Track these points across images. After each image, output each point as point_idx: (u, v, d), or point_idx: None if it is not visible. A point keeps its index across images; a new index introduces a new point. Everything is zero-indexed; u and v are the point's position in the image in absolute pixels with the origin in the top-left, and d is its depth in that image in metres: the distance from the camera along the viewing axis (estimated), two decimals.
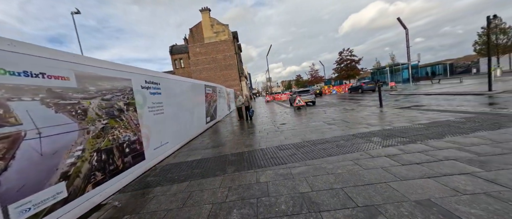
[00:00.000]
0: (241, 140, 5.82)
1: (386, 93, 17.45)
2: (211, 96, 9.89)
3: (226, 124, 9.76)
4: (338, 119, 7.07)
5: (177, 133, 5.57)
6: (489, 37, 12.36)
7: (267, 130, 6.76)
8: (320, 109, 11.01)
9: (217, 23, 32.16)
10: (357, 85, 22.28)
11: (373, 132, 4.76)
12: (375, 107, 9.06)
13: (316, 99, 15.70)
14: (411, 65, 21.57)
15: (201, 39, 32.27)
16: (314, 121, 7.39)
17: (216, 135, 7.14)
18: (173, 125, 5.43)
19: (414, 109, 7.29)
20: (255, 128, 7.60)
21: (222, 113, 12.99)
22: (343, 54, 35.71)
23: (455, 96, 9.98)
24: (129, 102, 3.74)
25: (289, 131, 6.11)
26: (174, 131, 5.45)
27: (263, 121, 9.06)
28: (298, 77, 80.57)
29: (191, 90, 7.37)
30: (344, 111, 8.81)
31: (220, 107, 12.46)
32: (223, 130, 8.21)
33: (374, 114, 7.19)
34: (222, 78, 32.43)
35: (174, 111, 5.55)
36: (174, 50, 38.45)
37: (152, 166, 4.20)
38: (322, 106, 12.97)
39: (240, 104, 10.40)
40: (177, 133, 5.60)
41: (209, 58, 32.37)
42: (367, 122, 5.98)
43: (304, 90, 16.02)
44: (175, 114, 5.60)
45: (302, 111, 11.05)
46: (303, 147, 4.31)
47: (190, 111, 7.00)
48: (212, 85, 10.25)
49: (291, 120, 8.36)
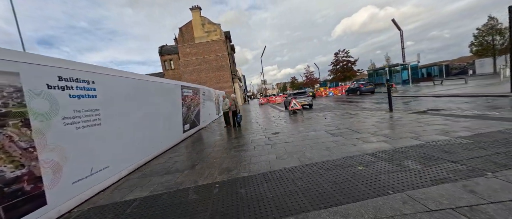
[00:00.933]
0: (219, 158, 4.33)
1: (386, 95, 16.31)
2: (191, 99, 8.37)
3: (210, 133, 8.24)
4: (344, 128, 5.68)
5: (127, 152, 4.03)
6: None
7: (255, 142, 5.30)
8: (318, 113, 9.65)
9: (209, 22, 30.71)
10: (355, 86, 21.17)
11: (400, 150, 3.36)
12: (383, 111, 7.74)
13: (312, 101, 14.37)
14: (410, 65, 20.70)
15: (192, 39, 30.70)
16: (314, 129, 5.98)
17: (192, 149, 5.62)
18: (120, 141, 3.89)
19: (434, 114, 6.00)
20: (241, 138, 6.12)
21: (208, 118, 11.46)
22: (338, 55, 34.80)
23: (473, 99, 8.79)
24: (11, 111, 2.21)
25: (282, 145, 4.66)
26: (122, 150, 3.91)
27: (252, 129, 7.60)
28: (293, 79, 79.75)
29: (159, 92, 5.84)
30: (348, 117, 7.45)
31: (206, 112, 10.94)
32: (203, 141, 6.69)
33: (387, 121, 5.85)
34: (214, 79, 30.88)
35: (123, 121, 4.02)
36: (163, 50, 36.67)
37: (66, 211, 2.66)
38: (320, 109, 11.62)
39: (226, 109, 8.92)
40: (128, 151, 4.06)
41: (200, 58, 30.79)
42: (382, 133, 4.60)
43: (299, 92, 14.69)
44: (125, 125, 4.07)
45: (298, 115, 9.66)
46: (302, 176, 2.86)
47: (156, 119, 5.47)
48: (192, 86, 8.73)
49: (286, 128, 6.92)
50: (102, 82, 3.59)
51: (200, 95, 9.71)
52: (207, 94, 11.61)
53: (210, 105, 12.41)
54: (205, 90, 11.14)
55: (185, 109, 7.66)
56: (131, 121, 4.31)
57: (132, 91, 4.49)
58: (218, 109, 15.16)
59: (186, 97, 7.76)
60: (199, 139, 7.09)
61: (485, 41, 28.39)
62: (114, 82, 3.94)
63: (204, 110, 10.63)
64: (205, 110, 10.93)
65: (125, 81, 4.28)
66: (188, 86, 8.15)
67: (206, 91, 11.22)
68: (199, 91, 9.56)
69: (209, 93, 12.43)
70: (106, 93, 3.65)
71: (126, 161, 3.98)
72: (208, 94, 12.13)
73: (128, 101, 4.31)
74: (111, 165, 3.55)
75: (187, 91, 7.85)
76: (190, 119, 8.11)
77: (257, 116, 12.32)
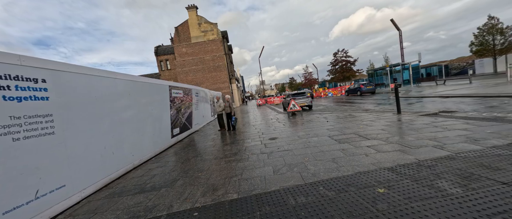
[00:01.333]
0: (205, 171, 3.67)
1: (388, 95, 15.77)
2: (182, 100, 7.69)
3: (202, 137, 7.57)
4: (349, 132, 5.04)
5: (94, 165, 3.35)
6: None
7: (250, 150, 4.64)
8: (319, 115, 9.02)
9: (205, 21, 30.05)
10: (355, 87, 20.62)
11: (427, 164, 2.73)
12: (390, 113, 7.13)
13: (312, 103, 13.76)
14: (412, 65, 20.21)
15: (188, 39, 30.01)
16: (316, 134, 5.34)
17: (177, 157, 4.94)
18: (85, 152, 3.21)
19: (449, 117, 5.39)
20: (234, 145, 5.46)
21: (202, 120, 10.78)
22: (338, 55, 34.32)
23: (486, 99, 8.22)
24: None
25: (281, 155, 4.01)
26: (87, 163, 3.23)
27: (248, 133, 6.94)
28: (292, 80, 79.32)
29: (142, 94, 5.17)
30: (352, 119, 6.83)
31: (199, 114, 10.26)
32: (192, 147, 6.02)
33: (397, 125, 5.23)
34: (211, 80, 30.20)
35: (90, 128, 3.35)
36: (159, 51, 35.90)
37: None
38: (320, 111, 10.99)
39: (220, 111, 8.26)
40: (95, 164, 3.38)
41: (196, 58, 30.09)
42: (396, 140, 3.97)
43: (299, 92, 14.07)
44: (93, 133, 3.39)
45: (298, 117, 9.02)
46: (306, 201, 2.21)
47: (137, 124, 4.79)
48: (183, 86, 8.05)
49: (285, 132, 6.28)
50: (59, 81, 2.92)
51: (192, 96, 9.04)
52: (201, 95, 10.94)
53: (204, 107, 11.74)
54: (199, 91, 10.47)
55: (174, 111, 6.98)
56: (102, 128, 3.63)
57: (105, 92, 3.82)
58: (214, 110, 14.48)
59: (175, 99, 7.08)
60: (189, 145, 6.41)
61: (486, 41, 28.05)
62: (78, 81, 3.27)
63: (198, 112, 9.95)
64: (199, 112, 10.26)
65: (95, 81, 3.61)
66: (178, 86, 7.47)
67: (199, 92, 10.54)
68: (191, 92, 8.89)
69: (203, 94, 11.76)
70: (64, 94, 2.97)
71: (92, 176, 3.30)
72: (202, 95, 11.46)
73: (99, 104, 3.64)
74: (69, 183, 2.86)
75: (176, 92, 7.17)
76: (180, 123, 7.43)
77: (254, 118, 11.66)
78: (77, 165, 3.04)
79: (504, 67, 30.24)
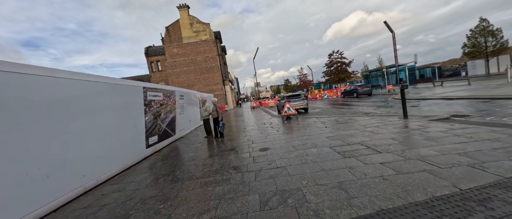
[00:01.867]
0: (170, 200, 2.77)
1: (386, 97, 15.23)
2: (161, 104, 6.74)
3: (184, 146, 6.63)
4: (354, 142, 4.25)
5: (14, 193, 2.40)
6: None
7: (235, 166, 3.76)
8: (316, 119, 8.23)
9: (197, 21, 29.10)
10: (351, 88, 20.08)
11: (475, 196, 1.92)
12: (395, 117, 6.40)
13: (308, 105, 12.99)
14: (408, 66, 19.87)
15: (179, 39, 28.95)
16: (314, 144, 4.51)
17: (143, 177, 4.00)
18: None
19: (464, 122, 4.68)
20: (217, 158, 4.56)
21: (188, 125, 9.83)
22: (332, 56, 33.95)
23: (496, 102, 7.63)
24: None
25: (272, 174, 3.15)
26: (5, 192, 2.28)
27: (237, 141, 6.06)
28: (287, 82, 79.01)
29: (105, 97, 4.23)
30: (354, 125, 6.05)
31: (185, 118, 9.31)
32: (168, 161, 5.08)
33: (409, 132, 4.46)
34: (203, 82, 29.19)
35: (12, 142, 2.40)
36: (150, 51, 34.65)
37: None
38: (317, 114, 10.23)
39: (206, 115, 7.35)
40: (16, 193, 2.43)
41: (188, 59, 29.04)
42: (416, 155, 3.18)
43: (294, 94, 13.30)
44: (13, 150, 2.44)
45: (293, 122, 8.21)
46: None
47: (94, 134, 3.84)
48: (163, 88, 7.08)
49: (278, 140, 5.43)
50: None
51: (175, 98, 8.09)
52: (187, 97, 9.99)
53: (192, 111, 10.79)
54: (184, 93, 9.52)
55: (151, 117, 6.02)
56: (34, 143, 2.69)
57: (49, 95, 2.88)
58: (201, 115, 13.52)
59: (152, 102, 6.13)
60: (167, 156, 5.47)
61: (478, 43, 28.23)
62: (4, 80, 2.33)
63: (183, 116, 9.00)
64: (185, 117, 9.31)
65: (30, 81, 2.67)
66: (156, 88, 6.52)
67: (185, 94, 9.60)
68: (174, 94, 7.94)
69: (191, 97, 10.81)
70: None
71: (8, 213, 2.34)
72: (190, 97, 10.51)
73: (35, 110, 2.70)
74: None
75: (154, 95, 6.22)
76: (159, 130, 6.48)
77: (246, 122, 10.78)
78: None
79: (496, 68, 30.61)
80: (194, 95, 11.44)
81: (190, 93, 11.06)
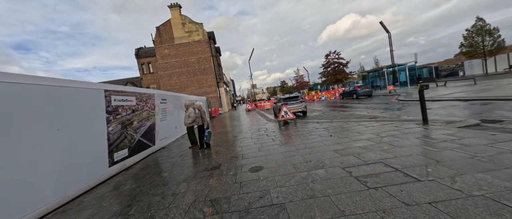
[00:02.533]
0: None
1: (388, 99, 14.38)
2: (133, 110, 5.62)
3: (162, 160, 5.52)
4: (373, 160, 3.23)
5: None
6: None
7: (214, 198, 2.70)
8: (317, 124, 7.23)
9: (190, 21, 27.99)
10: (351, 89, 19.24)
11: None
12: (411, 123, 5.43)
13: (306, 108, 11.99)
14: (408, 66, 19.18)
15: (171, 40, 27.77)
16: (321, 161, 3.48)
17: (90, 212, 2.90)
18: None
19: (501, 130, 3.74)
20: (193, 183, 3.47)
21: (174, 133, 8.71)
22: (329, 57, 33.25)
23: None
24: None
25: (264, 214, 2.10)
26: None
27: (223, 155, 4.98)
28: (283, 83, 78.36)
29: (36, 103, 3.11)
30: (365, 133, 5.05)
31: (169, 125, 8.19)
32: (134, 183, 3.97)
33: (440, 144, 3.47)
34: (196, 84, 28.02)
35: None
36: (141, 53, 33.32)
37: None
38: (317, 118, 9.24)
39: (189, 122, 6.27)
40: None
41: (180, 61, 27.85)
42: (474, 183, 2.17)
43: (291, 96, 12.29)
44: None
45: (291, 128, 7.18)
46: None
47: (28, 152, 2.72)
48: (136, 91, 5.93)
49: (274, 155, 4.38)
50: None
51: (155, 102, 6.97)
52: (172, 101, 8.87)
53: (178, 116, 9.66)
54: (168, 96, 8.40)
55: (118, 127, 4.89)
56: None
57: None
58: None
59: (119, 108, 5.01)
60: (133, 178, 4.35)
61: (475, 42, 27.94)
62: None
63: (165, 123, 7.87)
64: (169, 123, 8.18)
65: None
66: (125, 90, 5.38)
67: (169, 98, 8.48)
68: (152, 98, 6.82)
69: (179, 100, 9.69)
70: None
71: None
72: (175, 101, 9.39)
73: None
74: None
75: (121, 99, 5.10)
76: (130, 141, 5.35)
77: (238, 128, 9.71)
78: None
79: (494, 68, 30.40)
80: (178, 98, 10.30)
81: (177, 96, 9.95)
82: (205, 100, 18.64)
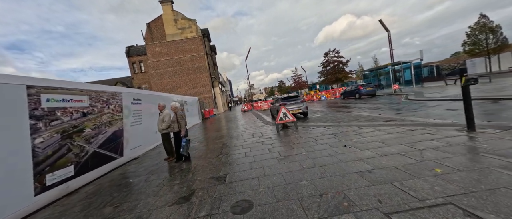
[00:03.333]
0: None
1: (396, 98, 13.22)
2: (83, 113, 4.26)
3: (123, 179, 4.18)
4: (434, 198, 1.94)
5: None
6: None
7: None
8: (322, 129, 5.95)
9: (182, 17, 26.56)
10: (353, 88, 18.07)
11: None
12: (450, 129, 4.18)
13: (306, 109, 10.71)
14: (414, 63, 18.05)
15: (163, 37, 26.30)
16: (343, 195, 2.18)
17: None
18: None
19: None
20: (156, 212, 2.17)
21: (152, 139, 7.34)
22: (329, 55, 32.10)
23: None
24: None
25: None
26: None
27: (201, 174, 3.66)
28: (281, 83, 77.25)
29: None
30: (390, 143, 3.78)
31: (145, 130, 6.82)
32: (69, 217, 2.63)
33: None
34: (190, 83, 26.59)
35: None
36: (132, 51, 31.74)
37: None
38: (320, 120, 7.97)
39: (164, 128, 4.93)
40: None
41: (172, 59, 26.38)
42: None
43: (290, 96, 11.02)
44: None
45: (292, 134, 5.88)
46: None
47: None
48: (86, 88, 4.53)
49: (270, 177, 3.07)
50: None
51: (121, 103, 5.61)
52: (149, 101, 7.50)
53: None
54: (143, 95, 7.04)
55: (54, 137, 3.53)
56: None
57: None
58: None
59: (57, 112, 3.65)
60: (67, 213, 3.01)
61: (479, 40, 27.07)
62: None
63: (140, 128, 6.53)
64: (145, 128, 6.83)
65: None
66: (69, 88, 4.00)
67: (145, 97, 7.12)
68: (117, 97, 5.45)
69: (157, 100, 8.31)
70: None
71: None
72: (155, 101, 8.01)
73: None
74: None
75: (58, 100, 3.73)
76: (78, 156, 3.99)
77: (228, 134, 8.39)
78: None
79: (497, 66, 29.57)
80: (157, 97, 8.92)
81: (158, 96, 8.58)
82: (197, 101, 17.28)
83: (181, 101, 12.05)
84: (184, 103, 12.72)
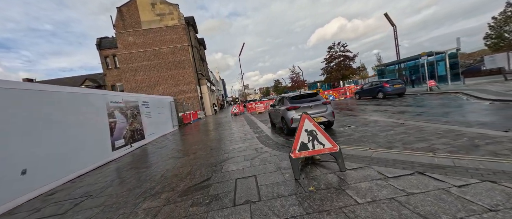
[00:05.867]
0: None
1: (445, 98, 9.35)
2: None
3: None
4: None
5: None
6: None
7: None
8: (382, 177, 1.89)
9: (162, 1, 22.18)
10: (373, 86, 14.20)
11: None
12: None
13: None
14: (448, 54, 14.30)
15: (137, 24, 21.84)
16: None
17: None
18: None
19: None
20: None
21: (105, 153, 3.07)
22: (333, 49, 28.26)
23: None
24: None
25: None
26: None
27: None
28: (277, 83, 73.40)
29: None
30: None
31: (96, 138, 2.57)
32: None
33: None
34: (170, 81, 22.20)
35: None
36: (104, 43, 26.98)
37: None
38: (360, 141, 3.88)
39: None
40: None
41: (149, 51, 21.94)
42: None
43: (305, 95, 6.79)
44: None
45: (330, 188, 1.80)
46: None
47: None
48: None
49: None
50: None
51: None
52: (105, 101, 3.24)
53: (123, 124, 4.06)
54: (88, 95, 2.78)
55: None
56: None
57: None
58: (159, 127, 6.86)
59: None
60: None
61: (505, 32, 23.80)
62: None
63: (87, 136, 2.26)
64: (94, 136, 2.58)
65: None
66: None
67: (80, 96, 2.85)
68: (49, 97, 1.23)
69: (107, 101, 4.09)
70: None
71: None
72: (102, 102, 3.76)
73: None
74: None
75: None
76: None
77: (193, 166, 4.18)
78: None
79: (506, 64, 26.37)
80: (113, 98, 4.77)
81: (114, 95, 4.33)
82: (170, 101, 12.95)
83: (135, 102, 7.69)
84: (143, 105, 8.39)
